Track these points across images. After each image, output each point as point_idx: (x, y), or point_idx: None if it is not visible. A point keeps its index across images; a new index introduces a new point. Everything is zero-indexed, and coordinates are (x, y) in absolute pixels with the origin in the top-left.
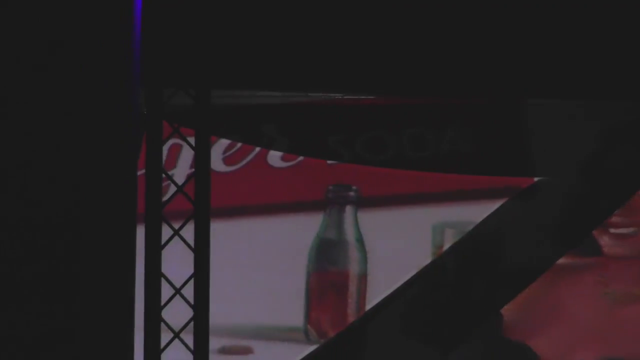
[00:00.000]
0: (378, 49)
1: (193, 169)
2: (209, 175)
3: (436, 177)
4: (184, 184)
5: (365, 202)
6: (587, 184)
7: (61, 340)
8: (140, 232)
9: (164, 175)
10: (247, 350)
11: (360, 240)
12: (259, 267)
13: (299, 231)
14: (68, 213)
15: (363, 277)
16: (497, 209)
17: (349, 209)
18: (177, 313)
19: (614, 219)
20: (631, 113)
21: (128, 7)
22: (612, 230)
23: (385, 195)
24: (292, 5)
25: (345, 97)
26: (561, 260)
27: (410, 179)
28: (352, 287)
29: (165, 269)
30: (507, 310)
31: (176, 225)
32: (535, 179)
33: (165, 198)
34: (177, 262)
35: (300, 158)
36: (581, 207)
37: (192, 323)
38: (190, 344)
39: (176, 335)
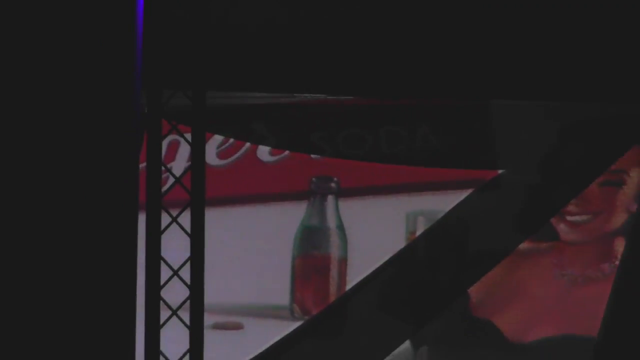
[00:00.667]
0: (357, 55)
1: (189, 162)
2: (204, 168)
3: (409, 170)
4: (181, 175)
5: (345, 193)
6: (545, 176)
7: (67, 316)
8: (142, 219)
9: (163, 168)
10: (238, 326)
11: (340, 227)
12: (249, 251)
13: (285, 219)
14: (76, 202)
15: (343, 261)
16: (464, 199)
17: (330, 199)
18: (175, 293)
19: (570, 208)
20: (584, 113)
21: (131, 17)
22: (568, 218)
23: (363, 186)
24: (278, 16)
25: (328, 97)
26: (522, 245)
27: (385, 171)
28: (333, 270)
29: (164, 252)
30: (473, 291)
31: (174, 213)
32: (499, 171)
33: (164, 188)
34: (175, 247)
35: (287, 153)
36: (540, 198)
37: (188, 302)
38: (187, 320)
39: (174, 312)
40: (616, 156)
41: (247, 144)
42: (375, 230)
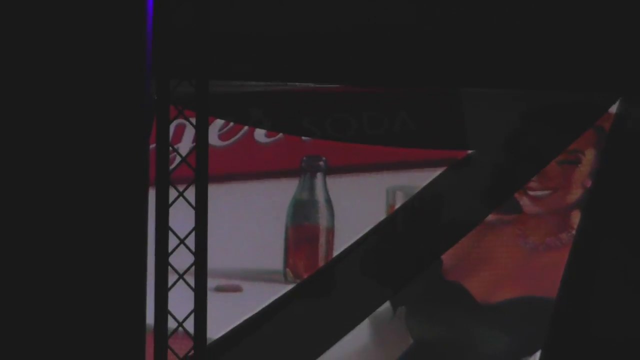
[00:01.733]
0: (343, 48)
1: (194, 143)
2: (207, 149)
3: (389, 150)
4: (187, 155)
5: (332, 170)
6: (510, 156)
7: (86, 280)
8: (151, 194)
9: (170, 149)
10: (237, 289)
11: (328, 201)
12: (247, 222)
13: (279, 193)
14: (94, 178)
15: (330, 230)
16: (438, 176)
17: (319, 176)
18: (181, 259)
19: (532, 184)
20: (545, 100)
21: (142, 15)
22: (530, 193)
23: (348, 165)
24: (273, 15)
25: (317, 86)
26: (489, 217)
27: (368, 151)
28: (322, 238)
29: (171, 223)
30: (446, 257)
31: (180, 189)
32: (468, 151)
33: (171, 166)
34: (181, 218)
35: (280, 135)
36: (505, 175)
37: (193, 267)
38: (192, 283)
39: (180, 276)
40: (573, 138)
41: (245, 127)
42: (359, 204)
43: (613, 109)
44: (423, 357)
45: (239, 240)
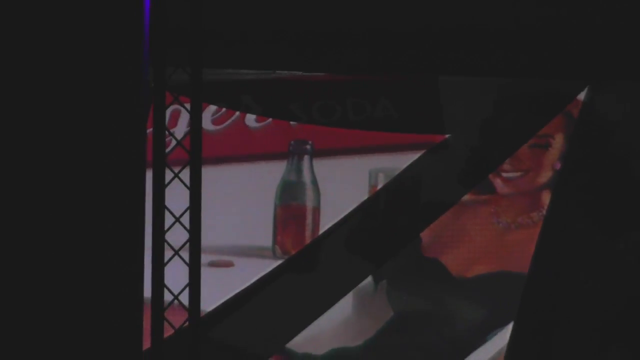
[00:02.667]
0: (328, 39)
1: (189, 128)
2: (200, 133)
3: (371, 134)
4: (182, 138)
5: (318, 153)
6: (485, 140)
7: (83, 256)
8: (148, 175)
9: (166, 132)
10: (229, 264)
11: (314, 182)
12: (238, 202)
13: (269, 175)
14: (94, 160)
15: (316, 209)
16: (417, 159)
17: (306, 158)
18: (176, 236)
19: (504, 166)
20: (518, 87)
21: (139, 7)
22: (503, 175)
23: (333, 148)
24: (262, 8)
25: (304, 74)
26: (465, 197)
27: (352, 135)
28: (308, 217)
29: (167, 202)
30: (424, 234)
31: (176, 170)
32: (446, 136)
33: (167, 149)
34: (176, 198)
35: (269, 120)
36: (480, 157)
37: (188, 244)
38: (187, 259)
39: (176, 252)
40: (543, 123)
41: (237, 113)
42: (343, 185)
43: (581, 96)
44: (403, 327)
45: (230, 218)
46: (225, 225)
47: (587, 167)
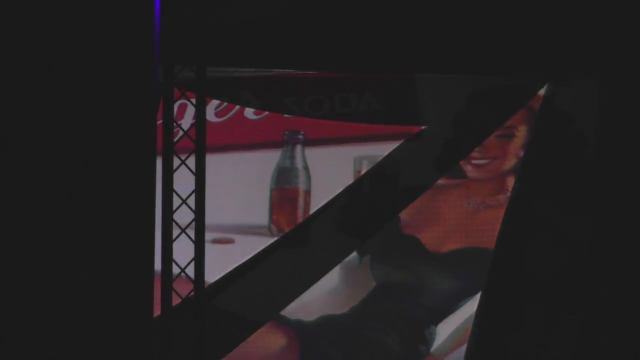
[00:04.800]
0: (318, 40)
1: (194, 120)
2: (204, 124)
3: (357, 126)
4: (188, 129)
5: (310, 143)
6: (457, 130)
7: (101, 233)
8: (158, 162)
9: (174, 124)
10: (230, 241)
11: (306, 168)
12: (238, 185)
13: (266, 161)
14: (110, 149)
15: (308, 192)
16: (397, 147)
17: (298, 147)
18: (183, 216)
19: (474, 154)
20: (486, 83)
21: (150, 12)
22: (473, 162)
23: (323, 138)
24: (261, 12)
25: (297, 71)
26: (439, 181)
27: (339, 127)
28: (301, 199)
29: (175, 186)
30: (403, 214)
31: (183, 157)
32: (422, 127)
33: (175, 139)
34: (183, 182)
35: (266, 113)
36: (452, 146)
37: (193, 223)
38: (192, 236)
39: (183, 230)
40: (509, 116)
41: (237, 107)
42: (331, 170)
43: (542, 91)
44: (384, 297)
45: (231, 200)
46: (227, 206)
47: (546, 155)
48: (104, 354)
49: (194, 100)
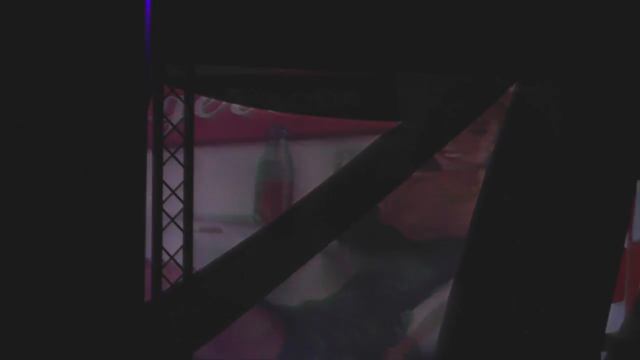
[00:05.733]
0: (301, 39)
1: (183, 115)
2: (193, 119)
3: (337, 120)
4: (177, 123)
5: (293, 137)
6: (432, 125)
7: (93, 223)
8: (149, 155)
9: (164, 119)
10: (218, 230)
11: (289, 161)
12: (225, 177)
13: (251, 154)
14: (104, 142)
15: (291, 184)
16: (375, 141)
17: (282, 141)
18: (172, 206)
19: (448, 147)
20: (460, 81)
21: (141, 14)
22: (447, 155)
23: (305, 132)
24: (246, 13)
25: (280, 70)
26: (415, 173)
27: (321, 122)
28: (284, 190)
29: (165, 178)
30: (382, 205)
31: (172, 150)
32: (400, 122)
33: (165, 133)
34: (173, 174)
35: (252, 109)
36: (428, 140)
37: (182, 212)
38: (182, 225)
39: (172, 220)
40: (480, 112)
41: (224, 103)
42: (313, 163)
43: (512, 88)
44: (364, 283)
45: (219, 191)
46: (214, 197)
47: (516, 149)
48: (97, 337)
49: (183, 97)
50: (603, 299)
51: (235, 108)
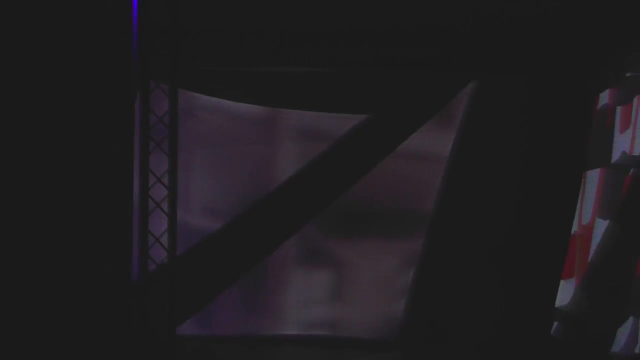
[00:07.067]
0: (285, 38)
1: (168, 108)
2: (177, 112)
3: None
4: (162, 116)
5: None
6: (397, 117)
7: (84, 207)
8: (137, 143)
9: (150, 111)
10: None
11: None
12: (210, 168)
13: (234, 148)
14: (94, 133)
15: (270, 175)
16: (345, 133)
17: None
18: (158, 192)
19: (412, 138)
20: (425, 76)
21: (128, 15)
22: (411, 145)
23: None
24: (225, 12)
25: (264, 67)
26: (382, 161)
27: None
28: (263, 180)
29: (150, 165)
30: (353, 190)
31: (157, 141)
32: (368, 114)
33: (151, 125)
34: (157, 162)
35: (236, 103)
36: (394, 130)
37: (167, 198)
38: (166, 210)
39: (157, 205)
40: (443, 104)
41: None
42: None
43: (472, 83)
44: (333, 264)
45: (203, 181)
46: (198, 185)
47: (475, 136)
48: (86, 314)
49: (167, 91)
50: (553, 275)
51: (220, 102)
